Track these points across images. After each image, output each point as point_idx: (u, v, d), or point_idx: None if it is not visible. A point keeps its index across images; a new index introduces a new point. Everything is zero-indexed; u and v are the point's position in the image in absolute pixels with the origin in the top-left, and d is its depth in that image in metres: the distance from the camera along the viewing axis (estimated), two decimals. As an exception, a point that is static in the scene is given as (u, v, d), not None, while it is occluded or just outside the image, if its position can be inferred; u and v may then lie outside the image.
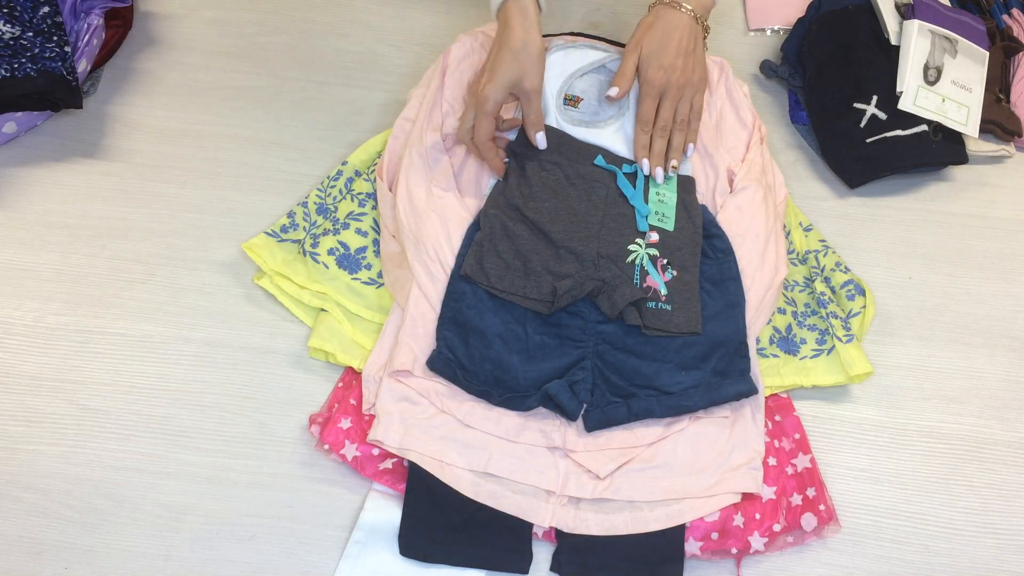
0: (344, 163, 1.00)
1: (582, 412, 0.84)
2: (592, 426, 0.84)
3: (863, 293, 0.94)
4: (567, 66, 0.99)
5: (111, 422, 0.86)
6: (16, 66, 0.96)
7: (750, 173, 0.96)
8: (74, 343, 0.90)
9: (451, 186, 0.93)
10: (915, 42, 1.05)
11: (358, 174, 1.00)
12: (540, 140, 0.91)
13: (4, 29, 0.97)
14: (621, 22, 1.17)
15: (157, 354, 0.90)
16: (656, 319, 0.86)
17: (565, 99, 0.98)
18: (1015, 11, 1.18)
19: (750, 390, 0.85)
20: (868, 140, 1.04)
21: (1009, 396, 0.93)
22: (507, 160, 0.93)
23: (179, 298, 0.94)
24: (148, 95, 1.08)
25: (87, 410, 0.87)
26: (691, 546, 0.81)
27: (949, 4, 1.13)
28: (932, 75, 1.05)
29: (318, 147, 1.05)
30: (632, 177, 0.93)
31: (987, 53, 1.09)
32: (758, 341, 0.91)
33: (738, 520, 0.82)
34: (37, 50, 0.98)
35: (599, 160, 0.92)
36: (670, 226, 0.91)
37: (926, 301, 0.99)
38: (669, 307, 0.87)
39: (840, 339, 0.90)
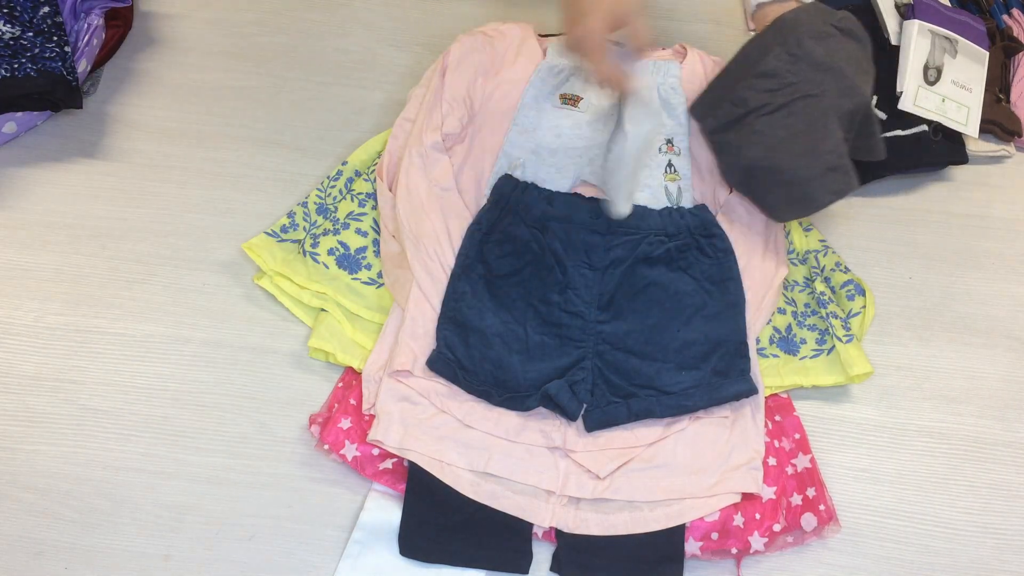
0: (344, 163, 1.00)
1: (582, 412, 0.84)
2: (592, 426, 0.84)
3: (863, 293, 0.94)
4: (566, 65, 0.99)
5: (111, 422, 0.86)
6: (16, 66, 0.96)
7: (750, 173, 0.96)
8: (74, 343, 0.90)
9: (451, 185, 0.93)
10: (915, 42, 1.05)
11: (358, 174, 1.00)
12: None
13: (4, 29, 0.97)
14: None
15: (157, 354, 0.90)
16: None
17: (564, 99, 0.98)
18: (1015, 11, 1.18)
19: (750, 390, 0.85)
20: (868, 140, 1.04)
21: (1009, 396, 0.93)
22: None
23: (179, 298, 0.94)
24: (148, 95, 1.08)
25: (87, 410, 0.87)
26: (691, 546, 0.81)
27: (949, 4, 1.13)
28: (932, 75, 1.05)
29: (318, 147, 1.05)
30: None
31: (987, 53, 1.09)
32: (758, 341, 0.91)
33: (738, 520, 0.82)
34: (37, 50, 0.98)
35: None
36: None
37: (926, 301, 0.99)
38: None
39: (840, 339, 0.90)
